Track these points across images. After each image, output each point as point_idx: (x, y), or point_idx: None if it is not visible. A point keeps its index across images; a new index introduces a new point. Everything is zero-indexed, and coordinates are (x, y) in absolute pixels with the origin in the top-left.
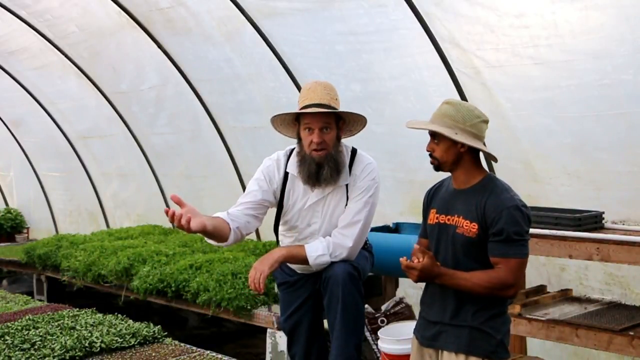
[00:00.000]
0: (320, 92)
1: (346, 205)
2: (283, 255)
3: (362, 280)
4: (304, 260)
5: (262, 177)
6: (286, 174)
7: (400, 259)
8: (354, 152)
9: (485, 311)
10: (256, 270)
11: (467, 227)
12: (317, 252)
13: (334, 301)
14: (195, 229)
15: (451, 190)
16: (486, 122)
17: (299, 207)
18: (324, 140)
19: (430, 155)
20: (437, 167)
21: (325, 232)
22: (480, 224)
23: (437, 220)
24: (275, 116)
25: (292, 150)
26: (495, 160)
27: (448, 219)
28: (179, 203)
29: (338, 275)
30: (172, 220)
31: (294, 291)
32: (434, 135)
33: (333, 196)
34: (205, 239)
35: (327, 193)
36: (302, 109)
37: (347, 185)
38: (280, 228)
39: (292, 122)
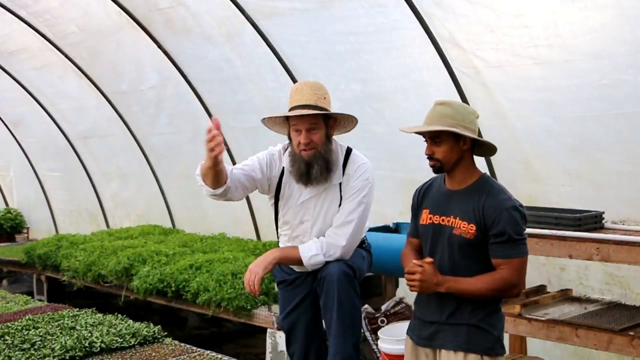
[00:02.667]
0: (307, 93)
1: (340, 204)
2: (277, 257)
3: (359, 279)
4: (298, 261)
5: (265, 160)
6: (283, 168)
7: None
8: (348, 151)
9: (482, 309)
10: (251, 272)
11: (465, 228)
12: (311, 252)
13: (330, 300)
14: (215, 160)
15: (444, 190)
16: (478, 116)
17: (292, 202)
18: (312, 141)
19: (430, 158)
20: (439, 168)
21: (319, 231)
22: (478, 225)
23: (431, 221)
24: (264, 119)
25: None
26: (495, 151)
27: (443, 220)
28: (219, 128)
29: (333, 274)
30: (210, 134)
31: (293, 289)
32: (434, 137)
33: (326, 195)
34: (200, 176)
35: (321, 191)
36: (289, 110)
37: (340, 184)
38: (279, 223)
39: (283, 122)
